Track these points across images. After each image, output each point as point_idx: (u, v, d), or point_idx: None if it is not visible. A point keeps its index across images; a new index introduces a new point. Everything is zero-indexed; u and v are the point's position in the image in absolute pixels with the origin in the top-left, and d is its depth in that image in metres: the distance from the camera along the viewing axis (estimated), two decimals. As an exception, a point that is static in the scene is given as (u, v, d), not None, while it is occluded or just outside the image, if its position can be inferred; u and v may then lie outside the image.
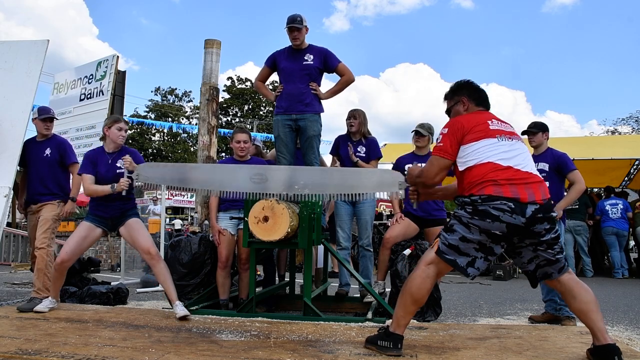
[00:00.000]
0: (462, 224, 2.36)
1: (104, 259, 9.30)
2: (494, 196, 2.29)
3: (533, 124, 4.23)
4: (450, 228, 2.41)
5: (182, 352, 2.53)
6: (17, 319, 3.32)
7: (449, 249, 2.39)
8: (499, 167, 2.38)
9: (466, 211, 2.36)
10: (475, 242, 2.36)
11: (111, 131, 3.72)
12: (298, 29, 4.25)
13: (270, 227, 3.33)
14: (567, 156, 4.10)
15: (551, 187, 4.05)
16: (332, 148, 4.66)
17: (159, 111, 36.11)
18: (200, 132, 5.98)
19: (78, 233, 3.68)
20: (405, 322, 2.49)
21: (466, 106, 2.69)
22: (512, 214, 2.27)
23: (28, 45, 4.56)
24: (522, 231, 2.32)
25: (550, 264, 2.41)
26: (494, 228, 2.31)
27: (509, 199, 2.28)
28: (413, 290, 2.44)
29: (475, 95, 2.70)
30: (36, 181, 4.14)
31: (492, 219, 2.29)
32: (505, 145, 2.45)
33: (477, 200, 2.32)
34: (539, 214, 2.30)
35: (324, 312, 3.78)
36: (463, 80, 2.77)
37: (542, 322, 4.02)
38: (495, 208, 2.28)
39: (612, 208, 8.39)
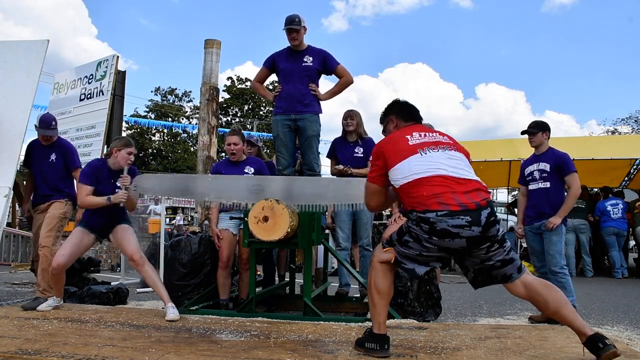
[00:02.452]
0: (419, 242, 2.35)
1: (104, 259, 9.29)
2: (450, 212, 2.27)
3: (533, 124, 4.19)
4: (405, 243, 2.39)
5: (182, 352, 2.53)
6: (17, 319, 3.32)
7: (407, 259, 2.41)
8: (434, 179, 2.37)
9: (422, 230, 2.32)
10: (433, 257, 2.40)
11: (120, 154, 3.70)
12: (296, 30, 4.25)
13: (270, 227, 3.33)
14: (569, 157, 4.07)
15: (551, 188, 4.05)
16: (329, 151, 4.65)
17: (159, 111, 36.10)
18: (200, 132, 5.98)
19: (73, 239, 3.69)
20: (382, 319, 2.48)
21: (395, 123, 2.76)
22: (471, 226, 2.27)
23: (28, 45, 4.55)
24: (479, 239, 2.32)
25: (506, 263, 2.39)
26: (454, 245, 2.31)
27: (463, 213, 2.26)
28: (377, 285, 2.47)
29: (403, 112, 2.77)
30: (42, 184, 4.16)
31: (452, 237, 2.29)
32: (431, 157, 2.45)
33: (434, 219, 2.28)
34: (491, 217, 2.30)
35: (324, 312, 3.78)
36: (392, 100, 2.86)
37: (542, 322, 4.00)
38: (455, 226, 2.27)
39: (613, 208, 8.39)
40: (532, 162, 4.22)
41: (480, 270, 2.44)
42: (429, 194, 2.34)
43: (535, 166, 4.15)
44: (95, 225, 3.75)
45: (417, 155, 2.46)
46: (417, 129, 2.63)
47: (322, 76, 4.49)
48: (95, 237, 3.81)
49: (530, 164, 4.21)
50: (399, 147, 2.52)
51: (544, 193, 4.06)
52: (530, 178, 4.18)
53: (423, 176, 2.39)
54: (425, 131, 2.61)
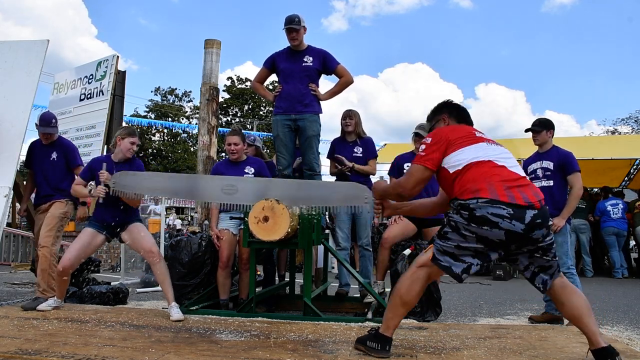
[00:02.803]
0: (457, 231, 2.28)
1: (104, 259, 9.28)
2: (492, 200, 2.21)
3: (537, 122, 4.13)
4: (444, 235, 2.33)
5: (182, 352, 2.53)
6: (17, 319, 3.31)
7: (444, 256, 2.33)
8: (495, 165, 2.33)
9: (462, 217, 2.26)
10: (471, 250, 2.30)
11: (123, 142, 3.70)
12: (296, 30, 4.25)
13: (270, 227, 3.33)
14: (573, 156, 4.02)
15: (555, 186, 3.99)
16: (329, 152, 4.65)
17: (159, 111, 36.11)
18: (200, 132, 5.99)
19: (81, 240, 3.66)
20: (394, 324, 2.45)
21: (447, 122, 2.68)
22: (512, 220, 2.19)
23: (28, 45, 4.55)
24: (521, 238, 2.23)
25: (544, 270, 2.36)
26: (492, 235, 2.23)
27: (507, 204, 2.20)
28: (402, 292, 2.40)
29: (455, 112, 2.70)
30: (44, 184, 4.16)
31: (491, 226, 2.20)
32: (494, 149, 2.43)
33: (474, 205, 2.23)
34: (537, 220, 2.22)
35: (324, 312, 3.78)
36: (443, 100, 2.79)
37: (542, 322, 4.00)
38: (494, 214, 2.19)
39: (613, 208, 8.39)
40: (535, 160, 4.16)
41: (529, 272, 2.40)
42: (482, 178, 2.28)
43: (539, 164, 4.09)
44: (108, 221, 3.70)
45: (484, 144, 2.43)
46: (476, 129, 2.59)
47: (322, 76, 4.49)
48: (105, 238, 3.76)
49: (533, 162, 4.16)
50: (465, 134, 2.47)
51: (547, 192, 3.94)
52: (533, 176, 4.10)
53: (483, 159, 2.34)
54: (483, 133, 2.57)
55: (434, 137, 2.50)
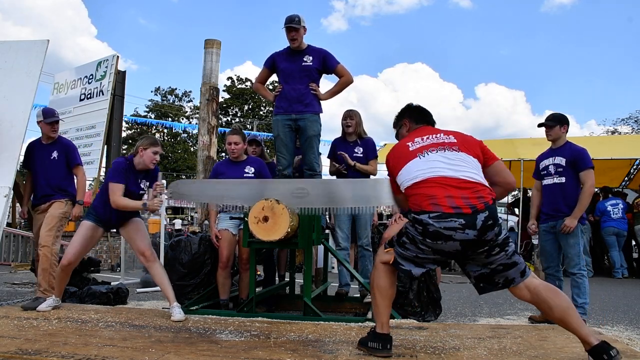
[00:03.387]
0: (414, 244, 2.36)
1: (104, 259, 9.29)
2: (443, 214, 2.26)
3: (551, 116, 4.01)
4: (403, 244, 2.41)
5: (182, 352, 2.53)
6: (17, 319, 3.31)
7: (405, 261, 2.42)
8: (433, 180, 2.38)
9: (417, 230, 2.33)
10: (429, 259, 2.40)
11: (146, 153, 3.63)
12: (296, 30, 4.25)
13: (270, 227, 3.33)
14: (586, 152, 3.90)
15: (566, 183, 3.86)
16: (330, 152, 4.65)
17: (159, 111, 36.11)
18: (200, 132, 5.99)
19: (82, 233, 3.66)
20: (385, 319, 2.49)
21: (407, 127, 2.80)
22: (464, 229, 2.25)
23: (28, 45, 4.55)
24: (475, 243, 2.29)
25: (508, 267, 2.36)
26: (447, 247, 2.31)
27: (457, 215, 2.25)
28: (380, 285, 2.49)
29: (415, 114, 2.80)
30: (44, 184, 4.15)
31: (445, 240, 2.28)
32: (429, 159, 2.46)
33: (426, 220, 2.29)
34: (488, 221, 2.26)
35: (324, 312, 3.78)
36: (404, 105, 2.89)
37: (542, 322, 3.98)
38: (447, 228, 2.26)
39: (613, 208, 8.39)
40: (547, 155, 4.04)
41: (482, 276, 2.41)
42: (424, 195, 2.36)
43: (551, 160, 3.98)
44: (107, 216, 3.68)
45: (416, 159, 2.50)
46: (424, 132, 2.63)
47: (322, 76, 4.49)
48: (104, 230, 3.77)
49: (546, 158, 4.04)
50: (400, 154, 2.58)
51: (559, 189, 3.88)
52: (545, 172, 4.01)
53: (421, 178, 2.42)
54: (432, 133, 2.60)
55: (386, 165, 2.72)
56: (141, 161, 3.65)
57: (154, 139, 3.77)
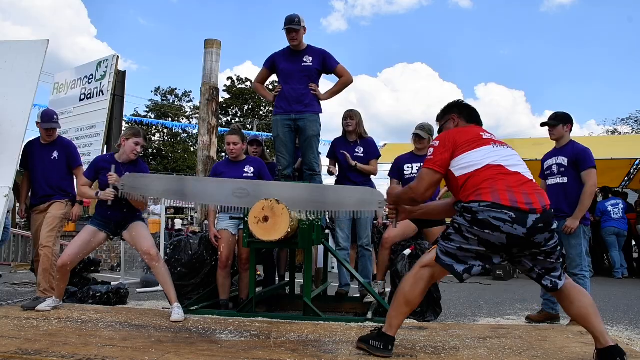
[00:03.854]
0: (460, 233, 2.30)
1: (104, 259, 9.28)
2: (495, 204, 2.22)
3: (554, 115, 4.00)
4: (447, 236, 2.36)
5: (182, 352, 2.52)
6: (17, 318, 3.31)
7: (447, 256, 2.35)
8: (501, 169, 2.33)
9: (465, 219, 2.28)
10: (473, 252, 2.31)
11: (128, 143, 3.68)
12: (296, 30, 4.25)
13: (270, 227, 3.33)
14: (589, 151, 3.88)
15: (569, 183, 3.85)
16: (329, 151, 4.66)
17: (159, 111, 36.12)
18: (200, 132, 5.99)
19: (82, 237, 3.66)
20: (397, 322, 2.47)
21: (456, 122, 2.69)
22: (513, 224, 2.20)
23: (28, 45, 4.55)
24: (523, 242, 2.24)
25: (549, 272, 2.36)
26: (493, 239, 2.24)
27: (509, 208, 2.21)
28: (406, 290, 2.42)
29: (465, 112, 2.71)
30: (43, 184, 4.14)
31: (492, 230, 2.22)
32: (501, 151, 2.43)
33: (476, 208, 2.24)
34: (539, 224, 2.22)
35: (324, 312, 3.78)
36: (453, 100, 2.80)
37: (540, 321, 3.97)
38: (496, 218, 2.21)
39: (613, 208, 8.39)
40: (552, 155, 4.04)
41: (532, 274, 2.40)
42: (486, 183, 2.29)
43: (554, 160, 3.98)
44: (110, 219, 3.70)
45: (490, 146, 2.44)
46: (485, 130, 2.59)
47: (322, 76, 4.49)
48: (106, 236, 3.76)
49: (550, 158, 4.04)
50: (472, 137, 2.47)
51: (562, 189, 3.88)
52: (548, 172, 4.01)
53: (490, 163, 2.35)
54: (491, 133, 2.58)
55: (441, 140, 2.51)
56: (123, 151, 3.69)
57: (137, 129, 3.79)
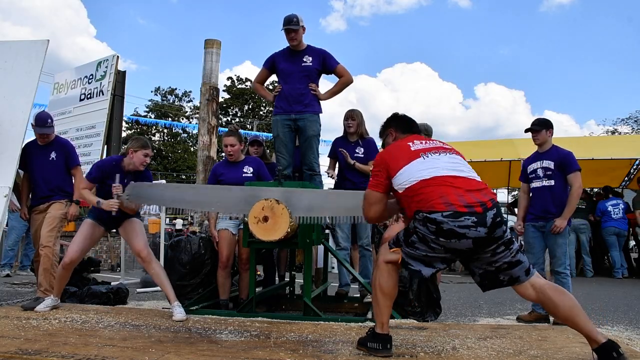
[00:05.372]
0: (425, 243, 2.34)
1: (104, 259, 9.28)
2: (456, 212, 2.26)
3: (536, 121, 4.16)
4: (412, 244, 2.38)
5: (182, 352, 2.52)
6: (17, 318, 3.31)
7: (414, 260, 2.40)
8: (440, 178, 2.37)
9: (429, 230, 2.31)
10: (439, 258, 2.39)
11: (137, 155, 3.66)
12: (295, 30, 4.25)
13: (270, 227, 3.33)
14: (573, 155, 4.04)
15: (556, 185, 4.01)
16: (330, 151, 4.66)
17: (159, 111, 36.12)
18: (200, 132, 5.98)
19: (83, 231, 3.68)
20: (385, 319, 2.48)
21: (393, 136, 2.80)
22: (477, 227, 2.25)
23: (28, 45, 4.55)
24: (485, 241, 2.30)
25: (512, 266, 2.37)
26: (460, 246, 2.30)
27: (469, 214, 2.26)
28: (382, 285, 2.46)
29: (401, 124, 2.81)
30: (42, 185, 4.13)
31: (459, 238, 2.27)
32: (433, 160, 2.47)
33: (440, 219, 2.27)
34: (497, 218, 2.29)
35: (324, 312, 3.78)
36: (391, 115, 2.89)
37: (530, 321, 4.04)
38: (461, 226, 2.25)
39: (614, 208, 8.40)
40: (535, 159, 4.18)
41: (487, 273, 2.42)
42: (434, 194, 2.33)
43: (539, 164, 4.11)
44: (105, 217, 3.70)
45: (420, 159, 2.49)
46: (417, 138, 2.67)
47: (322, 76, 4.49)
48: (104, 230, 3.80)
49: (533, 162, 4.18)
50: (401, 153, 2.54)
51: (549, 191, 4.02)
52: (533, 176, 4.14)
53: (427, 177, 2.40)
54: (425, 140, 2.65)
55: (375, 163, 2.66)
56: (131, 162, 3.68)
57: (145, 141, 3.78)
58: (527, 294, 2.42)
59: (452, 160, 2.49)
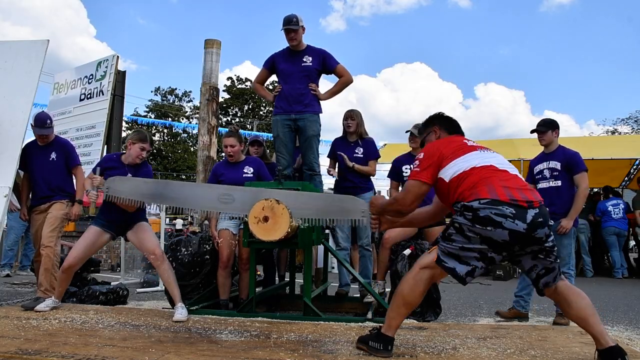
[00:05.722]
0: (461, 233, 2.28)
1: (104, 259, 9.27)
2: (494, 200, 2.22)
3: (542, 122, 4.15)
4: (448, 237, 2.34)
5: (182, 352, 2.52)
6: (17, 319, 3.31)
7: (449, 257, 2.33)
8: (494, 169, 2.36)
9: (466, 218, 2.27)
10: (475, 252, 2.29)
11: (134, 148, 3.69)
12: (294, 30, 4.26)
13: (270, 227, 3.33)
14: (579, 156, 4.03)
15: (562, 186, 4.01)
16: (330, 151, 4.66)
17: (159, 111, 36.11)
18: (200, 132, 5.98)
19: (87, 238, 3.67)
20: (396, 323, 2.46)
21: (438, 134, 2.73)
22: (514, 219, 2.20)
23: (28, 45, 4.55)
24: (524, 238, 2.23)
25: (548, 272, 2.36)
26: (495, 236, 2.23)
27: (509, 204, 2.21)
28: (405, 292, 2.41)
29: (446, 124, 2.75)
30: (43, 185, 4.13)
31: (494, 226, 2.21)
32: (489, 155, 2.47)
33: (477, 206, 2.24)
34: (539, 219, 2.23)
35: (324, 312, 3.78)
36: (435, 113, 2.84)
37: (509, 317, 4.07)
38: (497, 214, 2.20)
39: (614, 208, 8.40)
40: (541, 160, 4.17)
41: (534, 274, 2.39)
42: (482, 181, 2.30)
43: (545, 164, 4.10)
44: (114, 220, 3.70)
45: (477, 151, 2.47)
46: (465, 139, 2.64)
47: (322, 76, 4.49)
48: (110, 236, 3.77)
49: (540, 162, 4.17)
50: (458, 145, 2.51)
51: (555, 192, 4.01)
52: (540, 177, 4.13)
53: (482, 165, 2.37)
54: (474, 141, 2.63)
55: (427, 151, 2.54)
56: (129, 154, 3.72)
57: (144, 134, 3.79)
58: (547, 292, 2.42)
59: (504, 161, 2.48)
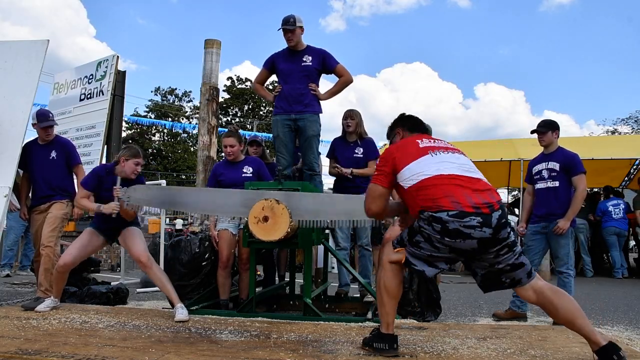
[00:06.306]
0: (429, 242, 2.32)
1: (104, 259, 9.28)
2: (462, 212, 2.24)
3: (542, 123, 4.15)
4: (416, 243, 2.36)
5: (182, 352, 2.52)
6: (17, 319, 3.31)
7: (417, 260, 2.38)
8: (448, 177, 2.36)
9: (434, 229, 2.29)
10: (443, 258, 2.37)
11: (128, 164, 3.66)
12: (291, 30, 4.26)
13: (270, 227, 3.33)
14: (578, 157, 4.04)
15: (560, 187, 4.01)
16: (329, 151, 4.66)
17: (159, 111, 36.11)
18: (200, 132, 5.98)
19: (82, 239, 3.69)
20: (391, 319, 2.48)
21: (401, 135, 2.78)
22: (482, 227, 2.24)
23: (28, 45, 4.55)
24: (489, 242, 2.28)
25: (515, 268, 2.36)
26: (464, 246, 2.28)
27: (475, 214, 2.24)
28: (387, 285, 2.45)
29: (408, 123, 2.80)
30: (43, 184, 4.13)
31: (464, 238, 2.25)
32: (442, 158, 2.46)
33: (446, 218, 2.25)
34: (502, 220, 2.27)
35: (324, 312, 3.78)
36: (397, 116, 2.89)
37: (506, 319, 4.09)
38: (466, 226, 2.24)
39: (614, 208, 8.40)
40: (540, 160, 4.18)
41: (489, 274, 2.41)
42: (441, 193, 2.31)
43: (544, 165, 4.11)
44: (105, 228, 3.75)
45: (428, 156, 2.46)
46: (425, 136, 2.66)
47: (322, 76, 4.49)
48: (105, 240, 3.81)
49: (539, 163, 4.18)
50: (409, 150, 2.52)
51: (553, 193, 4.02)
52: (538, 177, 4.14)
53: (435, 174, 2.37)
54: (433, 139, 2.63)
55: (382, 157, 2.63)
56: (123, 171, 3.68)
57: (137, 149, 3.77)
58: (528, 296, 2.42)
59: (459, 160, 2.48)
